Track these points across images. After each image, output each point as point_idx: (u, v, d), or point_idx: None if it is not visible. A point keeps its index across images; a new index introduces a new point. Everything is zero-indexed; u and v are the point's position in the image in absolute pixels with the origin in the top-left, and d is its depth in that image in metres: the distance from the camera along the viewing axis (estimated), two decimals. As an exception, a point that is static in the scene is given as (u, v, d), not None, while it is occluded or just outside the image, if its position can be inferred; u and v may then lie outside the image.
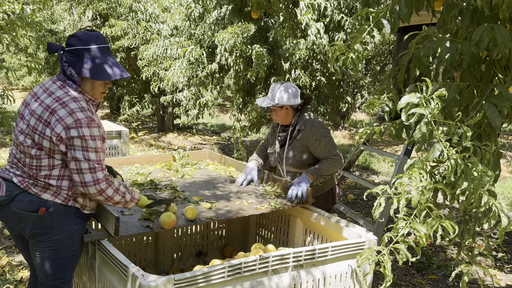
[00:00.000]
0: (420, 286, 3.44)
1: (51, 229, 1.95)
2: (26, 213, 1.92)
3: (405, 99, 1.75)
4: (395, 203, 1.74)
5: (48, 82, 2.00)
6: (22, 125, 1.95)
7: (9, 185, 1.93)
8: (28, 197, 1.92)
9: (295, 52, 4.74)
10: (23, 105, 2.01)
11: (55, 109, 1.87)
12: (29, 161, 1.92)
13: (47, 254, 1.99)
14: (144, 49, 6.82)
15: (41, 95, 1.95)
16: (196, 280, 1.71)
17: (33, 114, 1.91)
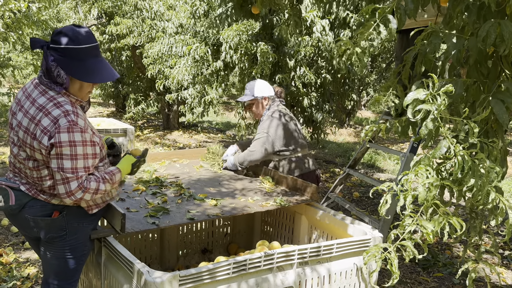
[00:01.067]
0: (426, 284, 3.42)
1: (66, 230, 1.93)
2: (40, 218, 1.89)
3: (412, 95, 1.74)
4: (401, 200, 1.73)
5: (30, 87, 1.88)
6: (13, 136, 1.87)
7: (17, 194, 1.90)
8: (39, 203, 1.90)
9: (300, 49, 4.73)
10: (10, 113, 1.91)
11: (40, 119, 1.76)
12: (30, 172, 1.88)
13: (61, 254, 1.97)
14: (149, 47, 6.83)
15: (24, 103, 1.83)
16: (201, 277, 1.71)
17: (20, 126, 1.82)
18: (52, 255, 1.98)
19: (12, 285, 3.06)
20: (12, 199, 1.89)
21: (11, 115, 1.90)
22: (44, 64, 1.80)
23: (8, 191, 1.90)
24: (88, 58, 1.81)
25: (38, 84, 1.86)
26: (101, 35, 9.99)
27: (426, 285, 3.39)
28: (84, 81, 1.83)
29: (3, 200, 1.90)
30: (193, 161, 3.49)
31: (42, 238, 1.94)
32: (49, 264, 2.00)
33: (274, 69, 5.02)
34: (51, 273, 2.02)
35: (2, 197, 1.91)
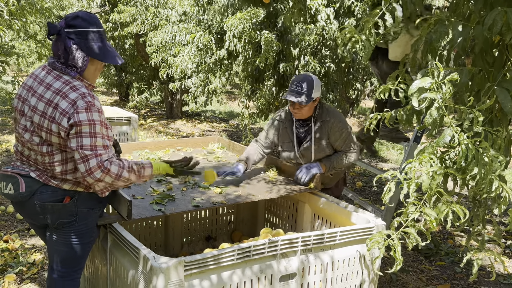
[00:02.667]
0: (428, 272, 3.45)
1: (76, 216, 1.95)
2: (51, 204, 1.90)
3: (417, 84, 1.74)
4: (405, 188, 1.74)
5: (41, 73, 1.90)
6: (25, 122, 1.89)
7: (27, 181, 1.91)
8: (50, 189, 1.91)
9: (305, 38, 4.70)
10: (19, 100, 1.92)
11: (57, 103, 1.80)
12: (41, 158, 1.89)
13: (69, 240, 1.99)
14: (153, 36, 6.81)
15: (38, 89, 1.86)
16: (206, 262, 1.73)
17: (35, 110, 1.84)
18: (60, 242, 1.99)
19: (19, 271, 3.10)
20: (22, 186, 1.89)
21: (21, 102, 1.91)
22: (60, 49, 1.84)
23: (18, 178, 1.90)
24: (104, 40, 1.91)
25: (50, 70, 1.89)
26: (104, 23, 9.94)
27: (428, 274, 3.42)
28: (105, 61, 1.91)
29: (13, 188, 1.90)
30: (197, 149, 3.50)
31: (51, 224, 1.96)
32: (57, 251, 2.02)
33: (278, 58, 5.00)
34: (58, 260, 2.03)
35: (12, 185, 1.91)
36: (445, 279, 3.35)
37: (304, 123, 2.78)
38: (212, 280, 1.77)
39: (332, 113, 2.76)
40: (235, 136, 8.61)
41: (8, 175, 1.94)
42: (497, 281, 3.34)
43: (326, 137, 2.75)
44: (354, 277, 2.21)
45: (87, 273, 2.49)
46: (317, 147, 2.76)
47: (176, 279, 1.66)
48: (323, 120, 2.73)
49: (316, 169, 2.68)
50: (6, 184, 1.92)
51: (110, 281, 2.13)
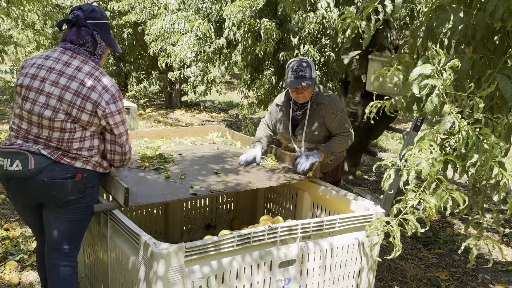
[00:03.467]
0: (426, 260, 3.47)
1: (83, 193, 2.03)
2: (61, 181, 1.96)
3: (417, 70, 1.73)
4: (404, 175, 1.74)
5: (62, 56, 1.99)
6: (45, 99, 1.93)
7: (37, 158, 1.94)
8: (61, 167, 1.97)
9: (304, 26, 4.67)
10: (33, 79, 1.96)
11: (94, 85, 1.95)
12: (60, 135, 1.95)
13: (72, 218, 2.05)
14: (151, 24, 6.75)
15: (65, 70, 1.95)
16: (206, 249, 1.74)
17: (66, 89, 1.93)
18: (63, 220, 2.04)
19: (19, 259, 3.12)
20: (31, 163, 1.93)
21: (37, 81, 1.95)
22: (85, 38, 2.01)
23: (27, 155, 1.93)
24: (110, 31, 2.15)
25: (74, 54, 2.01)
26: (102, 12, 9.87)
27: (427, 261, 3.44)
28: (116, 50, 2.17)
29: (20, 165, 1.93)
30: (197, 138, 3.50)
31: (58, 202, 1.99)
32: (58, 229, 2.06)
33: (278, 47, 4.97)
34: (61, 239, 2.08)
35: (19, 162, 1.93)
36: (443, 267, 3.37)
37: (301, 105, 2.86)
38: (213, 266, 1.78)
39: (327, 96, 2.81)
40: (234, 126, 8.60)
41: (14, 152, 1.95)
42: (495, 268, 3.37)
43: (321, 119, 2.81)
44: (353, 264, 2.23)
45: (87, 260, 2.51)
46: (309, 129, 2.84)
47: (177, 264, 1.67)
48: (319, 103, 2.80)
49: (315, 157, 2.68)
50: (12, 161, 1.94)
51: (110, 267, 2.14)
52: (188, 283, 1.72)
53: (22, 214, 2.20)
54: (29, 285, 2.81)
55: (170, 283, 1.67)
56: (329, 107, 2.77)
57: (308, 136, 2.87)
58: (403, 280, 3.13)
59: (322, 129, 2.84)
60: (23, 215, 2.21)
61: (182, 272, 1.69)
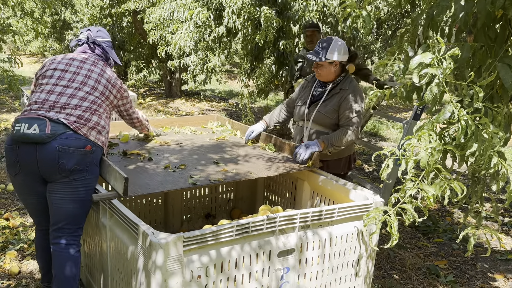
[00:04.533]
0: (426, 249, 3.48)
1: (89, 167, 2.15)
2: (73, 149, 2.09)
3: (417, 59, 1.71)
4: (403, 165, 1.73)
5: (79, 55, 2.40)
6: (71, 76, 2.28)
7: (54, 125, 2.09)
8: (75, 136, 2.11)
9: (305, 14, 4.63)
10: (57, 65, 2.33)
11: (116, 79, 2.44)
12: (84, 104, 2.22)
13: (76, 195, 2.13)
14: (151, 12, 6.70)
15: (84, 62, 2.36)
16: (205, 238, 1.74)
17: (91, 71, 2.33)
18: (67, 198, 2.12)
19: (20, 248, 3.13)
20: (48, 128, 2.07)
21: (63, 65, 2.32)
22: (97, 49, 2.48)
23: (45, 120, 2.09)
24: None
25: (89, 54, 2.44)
26: (101, 0, 9.80)
27: (426, 250, 3.45)
28: (118, 63, 2.59)
29: (38, 128, 2.05)
30: (196, 128, 3.49)
31: (67, 170, 2.08)
32: (63, 209, 2.13)
33: (278, 35, 4.93)
34: (65, 218, 2.15)
35: (37, 126, 2.06)
36: (442, 256, 3.39)
37: (324, 85, 2.85)
38: (211, 255, 1.78)
39: (354, 87, 2.78)
40: (234, 115, 8.58)
41: (33, 118, 2.10)
42: (494, 257, 3.38)
43: (336, 104, 2.76)
44: (352, 253, 2.23)
45: (87, 250, 2.52)
46: (321, 110, 2.79)
47: (175, 254, 1.67)
48: (342, 88, 2.77)
49: (315, 147, 2.67)
50: (30, 125, 2.07)
51: (109, 257, 2.15)
52: (187, 272, 1.73)
53: (22, 192, 2.24)
54: (29, 274, 2.83)
55: (169, 273, 1.68)
56: (350, 95, 2.73)
57: (317, 116, 2.81)
58: (402, 269, 3.14)
59: (334, 115, 2.78)
60: (23, 194, 2.25)
61: (181, 262, 1.70)
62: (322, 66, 2.74)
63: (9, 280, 2.76)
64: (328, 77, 2.79)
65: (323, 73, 2.77)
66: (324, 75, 2.78)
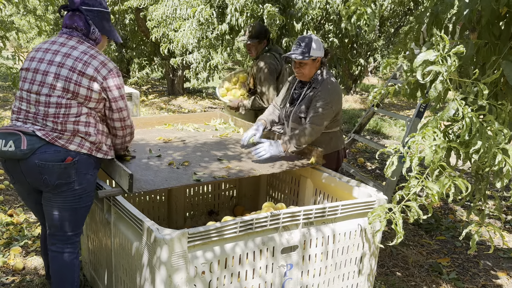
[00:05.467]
0: (428, 246, 3.49)
1: (75, 178, 2.02)
2: (52, 164, 1.96)
3: (422, 56, 1.71)
4: (407, 162, 1.74)
5: (59, 39, 2.08)
6: (41, 77, 2.00)
7: (30, 138, 1.95)
8: (53, 148, 1.97)
9: (308, 12, 4.62)
10: (32, 60, 2.05)
11: (88, 61, 2.01)
12: (56, 111, 1.98)
13: (67, 205, 2.05)
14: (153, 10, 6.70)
15: (61, 49, 2.03)
16: (209, 234, 1.75)
17: (61, 65, 1.99)
18: (59, 206, 2.05)
19: (24, 244, 3.15)
20: (24, 143, 1.94)
21: (35, 62, 2.04)
22: (78, 23, 2.07)
23: (20, 136, 1.95)
24: (110, 20, 2.18)
25: (70, 36, 2.08)
26: (104, -2, 9.80)
27: (429, 248, 3.46)
28: (114, 39, 2.18)
29: (13, 145, 1.94)
30: (199, 125, 3.49)
31: (50, 185, 1.99)
32: (56, 216, 2.07)
33: (281, 33, 4.93)
34: (59, 225, 2.09)
35: (12, 142, 1.94)
36: (445, 253, 3.39)
37: (303, 85, 2.85)
38: (215, 251, 1.79)
39: (326, 84, 2.72)
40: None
41: (8, 133, 1.96)
42: (497, 255, 3.38)
43: (308, 103, 2.75)
44: (355, 250, 2.24)
45: (91, 246, 2.53)
46: (297, 110, 2.80)
47: (180, 250, 1.68)
48: (314, 87, 2.76)
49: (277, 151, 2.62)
50: (6, 142, 1.95)
51: (114, 253, 2.16)
52: (191, 268, 1.74)
53: (23, 199, 2.23)
54: (33, 270, 2.85)
55: (173, 269, 1.69)
56: (320, 93, 2.70)
57: (294, 117, 2.82)
58: (405, 266, 3.15)
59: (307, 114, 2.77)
60: (23, 199, 2.24)
61: (185, 258, 1.71)
62: (306, 64, 2.72)
63: (14, 276, 2.77)
64: (309, 76, 2.78)
65: (305, 72, 2.74)
66: (307, 74, 2.76)
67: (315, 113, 2.68)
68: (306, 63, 2.72)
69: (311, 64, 2.72)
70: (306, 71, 2.74)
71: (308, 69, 2.73)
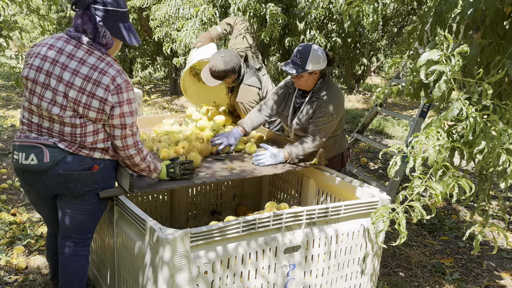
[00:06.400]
0: (431, 246, 3.47)
1: (100, 184, 2.01)
2: (78, 173, 1.93)
3: (425, 56, 1.71)
4: (411, 162, 1.73)
5: (66, 46, 1.88)
6: (51, 95, 1.86)
7: (52, 151, 1.90)
8: (78, 158, 1.93)
9: (311, 11, 4.62)
10: (39, 72, 1.87)
11: (98, 79, 1.84)
12: (71, 130, 1.90)
13: (88, 208, 2.05)
14: (156, 9, 6.71)
15: (69, 63, 1.85)
16: (212, 234, 1.75)
17: (70, 85, 1.84)
18: (78, 210, 2.04)
19: (27, 243, 3.16)
20: (46, 156, 1.90)
21: (43, 74, 1.87)
22: (86, 24, 1.86)
23: (42, 149, 1.90)
24: (127, 21, 1.94)
25: (78, 44, 1.89)
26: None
27: (432, 248, 3.45)
28: (128, 42, 1.93)
29: (36, 158, 1.90)
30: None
31: (75, 193, 1.97)
32: (73, 219, 2.05)
33: (284, 32, 4.92)
34: (75, 229, 2.09)
35: (34, 155, 1.90)
36: (448, 254, 3.38)
37: (304, 94, 2.74)
38: (218, 251, 1.79)
39: (329, 94, 2.64)
40: (239, 112, 8.58)
41: (28, 146, 1.92)
42: (500, 255, 3.37)
43: (312, 113, 2.66)
44: (358, 250, 2.23)
45: (94, 246, 2.53)
46: (300, 119, 2.72)
47: (183, 250, 1.68)
48: (318, 96, 2.66)
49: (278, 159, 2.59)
50: (27, 155, 1.91)
51: (117, 253, 2.16)
52: (193, 268, 1.73)
53: (36, 204, 2.19)
54: (36, 269, 2.85)
55: (176, 268, 1.68)
56: (323, 104, 2.61)
57: (297, 126, 2.75)
58: (408, 267, 3.14)
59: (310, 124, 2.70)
60: (36, 205, 2.20)
61: (188, 257, 1.71)
62: (302, 77, 2.61)
63: (17, 275, 2.78)
64: (308, 86, 2.67)
65: (302, 83, 2.65)
66: (304, 85, 2.66)
67: (320, 126, 2.61)
68: (302, 76, 2.60)
69: (308, 76, 2.61)
70: (302, 83, 2.64)
71: (304, 81, 2.63)
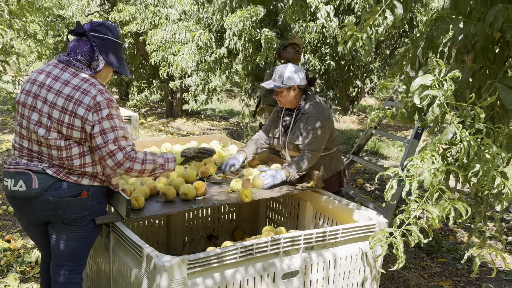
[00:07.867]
0: (430, 269, 3.45)
1: (90, 210, 1.99)
2: (67, 199, 1.92)
3: (418, 81, 1.74)
4: (407, 185, 1.74)
5: (54, 70, 1.94)
6: (39, 117, 1.89)
7: (41, 177, 1.91)
8: (66, 184, 1.93)
9: (305, 35, 4.71)
10: (28, 95, 1.93)
11: (80, 99, 1.87)
12: (57, 153, 1.90)
13: (80, 235, 2.02)
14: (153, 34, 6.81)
15: (53, 85, 1.90)
16: (209, 260, 1.73)
17: (53, 106, 1.87)
18: (69, 237, 2.01)
19: (21, 270, 3.11)
20: (35, 182, 1.90)
21: (30, 97, 1.92)
22: (82, 48, 1.95)
23: (30, 175, 1.90)
24: (120, 52, 2.06)
25: (65, 67, 1.96)
26: (103, 22, 9.93)
27: (430, 270, 3.43)
28: (119, 71, 2.04)
29: (24, 185, 1.90)
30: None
31: (65, 220, 1.96)
32: (65, 246, 2.02)
33: (278, 56, 5.01)
34: (67, 256, 2.05)
35: (23, 182, 1.90)
36: (446, 276, 3.36)
37: (290, 112, 2.87)
38: (215, 278, 1.78)
39: (315, 108, 2.75)
40: (235, 134, 8.61)
41: (17, 172, 1.92)
42: (499, 277, 3.35)
43: (300, 129, 2.77)
44: (356, 275, 2.22)
45: (89, 272, 2.50)
46: (291, 137, 2.81)
47: (180, 277, 1.67)
48: (304, 112, 2.78)
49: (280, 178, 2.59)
50: (15, 181, 1.91)
51: (113, 280, 2.13)
52: (191, 295, 1.72)
53: (27, 231, 2.18)
54: (31, 297, 2.80)
55: (173, 296, 1.67)
56: (310, 118, 2.71)
57: (289, 145, 2.83)
58: (407, 290, 3.11)
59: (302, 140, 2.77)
60: (28, 231, 2.18)
61: (185, 285, 1.69)
62: (282, 92, 2.76)
63: (10, 304, 2.73)
64: (291, 103, 2.80)
65: (283, 100, 2.79)
66: (285, 102, 2.80)
67: (312, 139, 2.70)
68: (281, 91, 2.76)
69: (287, 92, 2.75)
70: (282, 99, 2.78)
71: (284, 97, 2.77)
